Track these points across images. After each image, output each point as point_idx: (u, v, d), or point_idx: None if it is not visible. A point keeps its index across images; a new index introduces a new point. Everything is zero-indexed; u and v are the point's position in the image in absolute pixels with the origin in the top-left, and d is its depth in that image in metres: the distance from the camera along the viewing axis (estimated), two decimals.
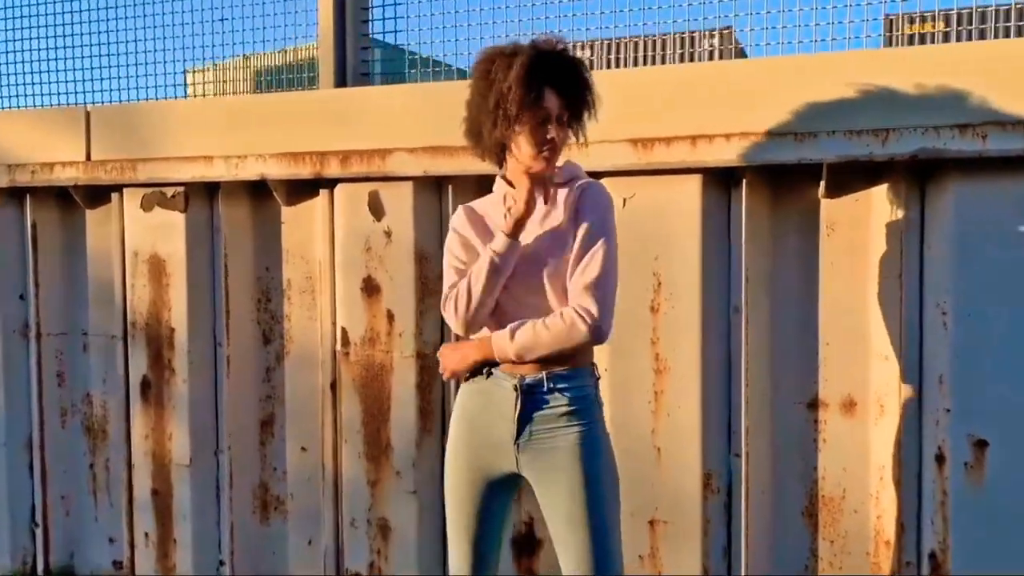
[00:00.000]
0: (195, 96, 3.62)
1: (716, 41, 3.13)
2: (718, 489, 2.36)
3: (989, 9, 2.50)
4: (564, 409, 1.75)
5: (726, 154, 2.21)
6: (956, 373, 2.09)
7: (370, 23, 2.83)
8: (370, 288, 2.68)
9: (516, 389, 1.76)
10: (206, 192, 2.94)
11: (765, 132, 2.17)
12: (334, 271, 2.78)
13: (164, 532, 3.03)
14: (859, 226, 2.25)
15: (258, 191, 2.92)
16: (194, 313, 2.94)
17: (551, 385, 1.75)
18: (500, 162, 1.89)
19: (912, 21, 3.01)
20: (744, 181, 2.27)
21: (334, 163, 2.64)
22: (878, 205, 2.22)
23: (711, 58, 3.17)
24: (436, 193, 2.64)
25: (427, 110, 2.54)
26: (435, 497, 2.63)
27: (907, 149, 2.05)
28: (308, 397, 2.90)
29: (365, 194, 2.66)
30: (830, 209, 2.28)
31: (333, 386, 2.80)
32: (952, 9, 2.59)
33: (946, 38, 2.69)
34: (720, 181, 2.32)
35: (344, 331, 2.73)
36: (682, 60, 3.24)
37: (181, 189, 2.90)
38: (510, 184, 1.84)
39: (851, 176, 2.21)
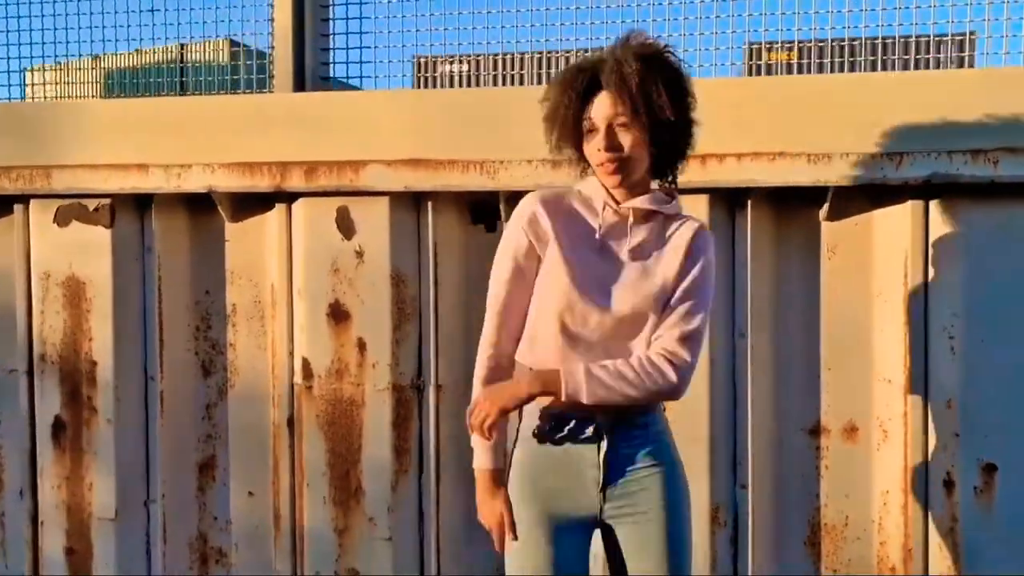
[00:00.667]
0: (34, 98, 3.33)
1: None
2: (725, 523, 2.26)
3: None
4: (649, 448, 1.60)
5: (738, 174, 2.13)
6: (965, 397, 2.09)
7: (331, 22, 2.57)
8: (338, 314, 2.41)
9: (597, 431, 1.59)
10: (135, 205, 2.57)
11: (777, 153, 2.11)
12: (291, 294, 2.49)
13: None
14: (860, 249, 2.22)
15: (197, 204, 2.59)
16: (121, 343, 2.56)
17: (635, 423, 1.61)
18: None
19: (770, 49, 3.09)
20: (749, 202, 2.20)
21: (297, 175, 2.36)
22: (880, 228, 2.20)
23: None
24: (414, 210, 2.41)
25: (407, 119, 2.32)
26: (413, 544, 2.41)
27: (921, 173, 2.04)
28: (257, 436, 2.59)
29: (333, 210, 2.40)
30: (831, 231, 2.24)
31: (291, 423, 2.50)
32: (824, 40, 2.75)
33: (800, 69, 2.83)
34: (725, 200, 2.24)
35: (306, 362, 2.44)
36: None
37: (107, 201, 2.52)
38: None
39: (853, 199, 2.19)
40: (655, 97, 1.50)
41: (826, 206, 2.17)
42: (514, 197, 2.25)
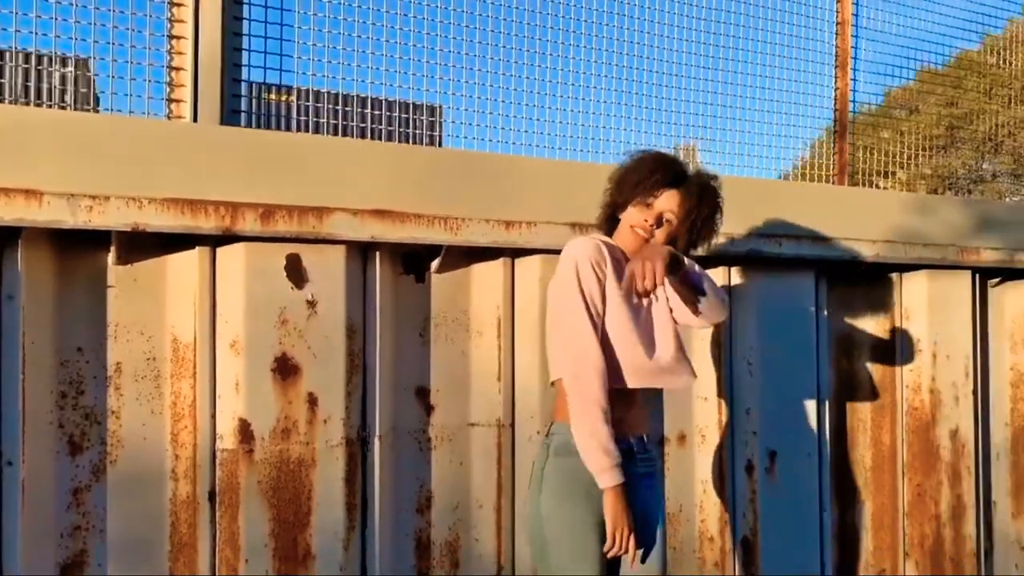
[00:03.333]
0: None
1: None
2: None
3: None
4: None
5: None
6: (758, 406, 2.98)
7: (245, 53, 2.35)
8: (285, 369, 2.24)
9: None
10: None
11: None
12: (215, 350, 2.21)
13: None
14: None
15: (64, 243, 2.11)
16: None
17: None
18: (603, 224, 2.20)
19: (269, 91, 3.61)
20: None
21: (250, 217, 2.15)
22: None
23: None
24: (361, 260, 2.38)
25: (376, 169, 2.32)
26: None
27: (743, 249, 2.88)
28: (148, 519, 2.19)
29: (279, 257, 2.23)
30: None
31: (212, 496, 2.20)
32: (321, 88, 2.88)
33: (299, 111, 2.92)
34: None
35: (245, 423, 2.19)
36: None
37: None
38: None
39: None
40: (699, 224, 2.08)
41: None
42: (471, 252, 2.48)
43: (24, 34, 2.30)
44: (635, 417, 2.07)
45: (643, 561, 2.02)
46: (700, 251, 2.23)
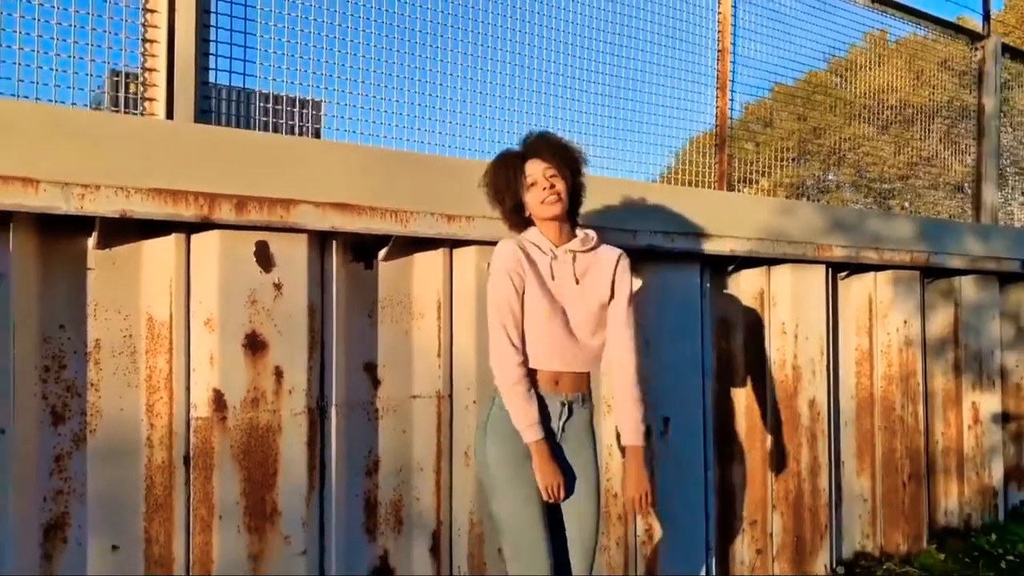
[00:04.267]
0: None
1: None
2: None
3: None
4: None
5: None
6: (655, 379, 3.45)
7: (212, 57, 2.57)
8: (255, 344, 2.48)
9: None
10: None
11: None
12: (189, 327, 2.43)
13: None
14: None
15: (47, 228, 2.28)
16: None
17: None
18: (516, 225, 2.51)
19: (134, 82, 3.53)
20: None
21: (226, 207, 2.38)
22: None
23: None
24: (320, 247, 2.65)
25: (339, 166, 2.59)
26: (316, 552, 2.62)
27: (643, 243, 3.33)
28: (125, 483, 2.39)
29: (249, 243, 2.48)
30: None
31: (187, 460, 2.42)
32: None
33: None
34: None
35: (219, 393, 2.42)
36: None
37: None
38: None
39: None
40: (570, 162, 2.44)
41: None
42: (414, 242, 2.80)
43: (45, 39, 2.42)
44: (559, 384, 2.44)
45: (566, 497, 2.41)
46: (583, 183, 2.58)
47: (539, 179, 2.40)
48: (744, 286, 3.95)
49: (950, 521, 4.86)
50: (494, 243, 2.84)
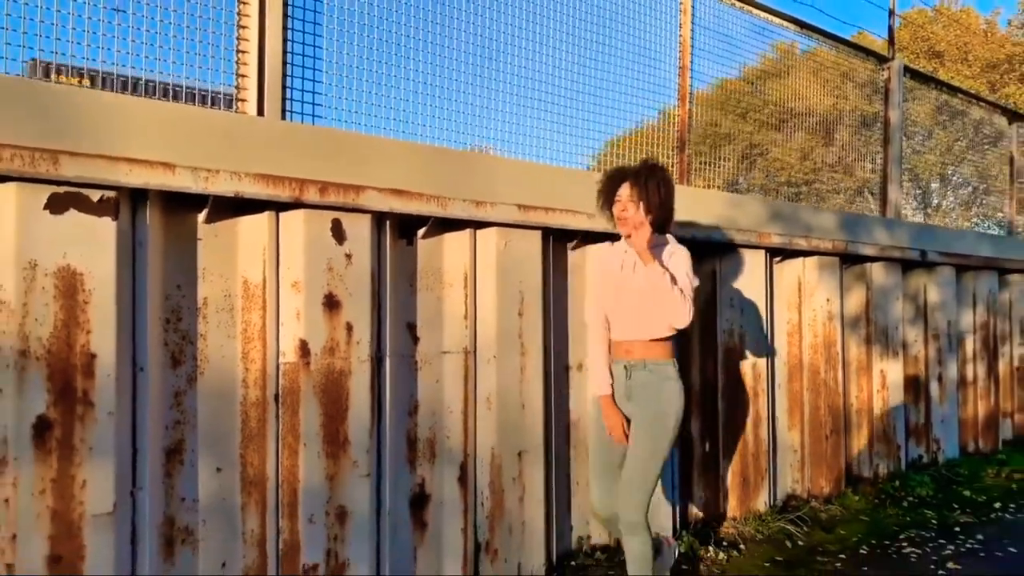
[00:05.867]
0: None
1: None
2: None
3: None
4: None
5: (562, 220, 3.72)
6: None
7: (290, 66, 3.10)
8: (331, 303, 3.02)
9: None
10: (129, 200, 2.61)
11: (563, 209, 3.78)
12: (279, 289, 2.96)
13: None
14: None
15: (169, 203, 2.78)
16: (122, 335, 2.56)
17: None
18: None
19: (59, 71, 3.04)
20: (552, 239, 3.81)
21: (312, 190, 2.92)
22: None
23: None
24: (377, 226, 3.21)
25: (396, 159, 3.15)
26: (375, 477, 3.18)
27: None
28: (226, 417, 2.90)
29: (327, 221, 3.02)
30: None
31: (277, 398, 2.94)
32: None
33: None
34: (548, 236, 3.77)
35: (303, 343, 2.96)
36: None
37: (113, 194, 2.52)
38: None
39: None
40: (651, 191, 3.07)
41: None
42: (447, 223, 3.39)
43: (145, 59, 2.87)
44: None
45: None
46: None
47: (622, 199, 3.08)
48: (701, 267, 4.68)
49: (862, 470, 5.74)
50: (512, 225, 3.48)
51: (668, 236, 3.18)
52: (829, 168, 6.29)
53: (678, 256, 3.12)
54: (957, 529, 4.81)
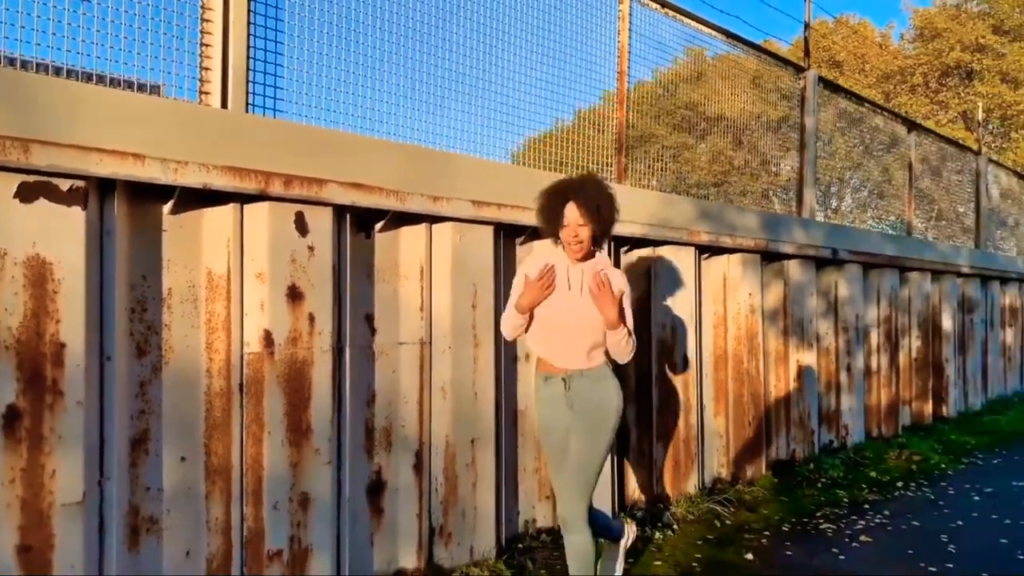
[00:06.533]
0: None
1: None
2: None
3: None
4: None
5: (513, 216, 3.86)
6: None
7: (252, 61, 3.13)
8: (295, 294, 3.08)
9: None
10: (97, 190, 2.61)
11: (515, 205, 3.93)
12: (243, 280, 3.00)
13: None
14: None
15: (138, 194, 2.79)
16: (91, 325, 2.56)
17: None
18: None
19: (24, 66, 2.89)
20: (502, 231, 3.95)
21: (277, 183, 2.97)
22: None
23: None
24: (338, 219, 3.27)
25: (356, 154, 3.23)
26: (336, 465, 3.26)
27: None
28: (190, 406, 2.92)
29: (291, 213, 3.07)
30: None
31: (241, 388, 2.98)
32: None
33: None
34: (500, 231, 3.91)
35: (268, 333, 3.00)
36: None
37: (83, 184, 2.52)
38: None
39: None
40: (602, 216, 3.09)
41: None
42: (404, 217, 3.49)
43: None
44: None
45: None
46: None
47: (571, 224, 3.00)
48: (636, 262, 4.92)
49: (781, 454, 6.12)
50: (467, 220, 3.60)
51: (597, 253, 3.17)
52: (737, 172, 6.62)
53: (617, 281, 3.11)
54: (866, 506, 5.21)
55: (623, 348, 3.09)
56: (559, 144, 4.73)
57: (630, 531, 3.57)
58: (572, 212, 3.01)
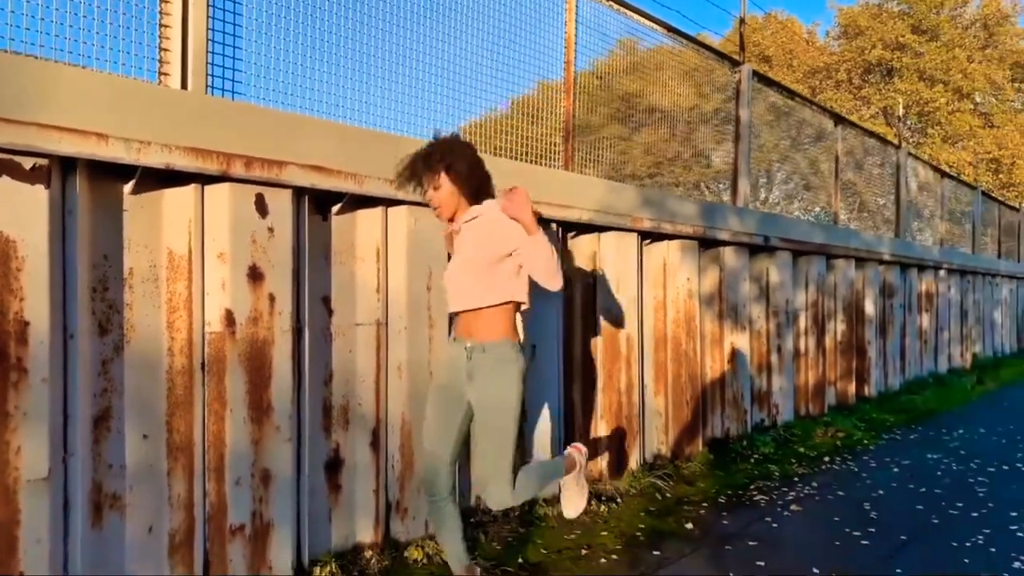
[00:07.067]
0: None
1: None
2: None
3: None
4: None
5: None
6: (530, 319, 4.44)
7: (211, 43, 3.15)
8: (255, 275, 3.13)
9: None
10: (60, 169, 2.62)
11: None
12: (204, 260, 3.03)
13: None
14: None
15: (99, 173, 2.79)
16: (55, 303, 2.57)
17: None
18: None
19: None
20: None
21: (239, 164, 3.01)
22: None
23: None
24: (297, 201, 3.32)
25: (315, 137, 3.28)
26: (296, 442, 3.33)
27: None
28: (152, 384, 2.95)
29: (251, 195, 3.11)
30: None
31: (203, 366, 3.02)
32: None
33: None
34: None
35: (229, 312, 3.05)
36: None
37: (45, 162, 2.53)
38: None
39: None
40: (436, 168, 3.06)
41: None
42: (360, 200, 3.57)
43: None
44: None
45: None
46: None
47: (428, 192, 3.05)
48: (582, 247, 5.08)
49: (716, 432, 6.40)
50: (422, 204, 3.69)
51: (487, 203, 3.08)
52: (669, 163, 6.84)
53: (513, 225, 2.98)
54: (796, 479, 5.52)
55: (549, 262, 2.95)
56: (508, 131, 4.86)
57: (577, 457, 3.52)
58: (426, 180, 3.03)
